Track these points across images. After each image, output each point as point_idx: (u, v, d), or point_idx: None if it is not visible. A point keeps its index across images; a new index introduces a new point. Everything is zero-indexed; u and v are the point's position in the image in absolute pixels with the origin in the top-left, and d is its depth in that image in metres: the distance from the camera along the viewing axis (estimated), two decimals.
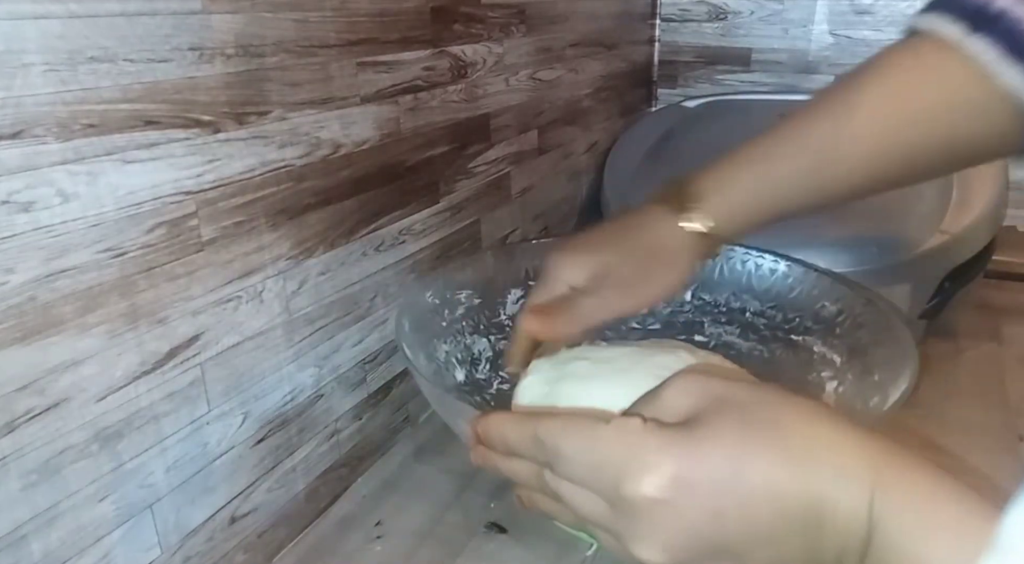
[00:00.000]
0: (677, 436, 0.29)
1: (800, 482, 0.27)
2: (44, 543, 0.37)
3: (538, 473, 0.33)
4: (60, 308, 0.36)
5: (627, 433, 0.30)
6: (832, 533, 0.27)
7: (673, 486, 0.28)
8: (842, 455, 0.28)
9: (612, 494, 0.29)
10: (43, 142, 0.34)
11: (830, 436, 0.29)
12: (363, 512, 0.56)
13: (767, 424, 0.29)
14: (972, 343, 0.77)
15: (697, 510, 0.28)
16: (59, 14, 0.34)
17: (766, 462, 0.28)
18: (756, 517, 0.28)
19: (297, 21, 0.47)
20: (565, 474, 0.31)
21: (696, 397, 0.31)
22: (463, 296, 0.61)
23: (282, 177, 0.48)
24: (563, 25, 0.83)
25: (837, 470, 0.27)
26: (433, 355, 0.57)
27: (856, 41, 1.03)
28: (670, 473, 0.28)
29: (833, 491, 0.27)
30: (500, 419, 0.35)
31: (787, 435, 0.29)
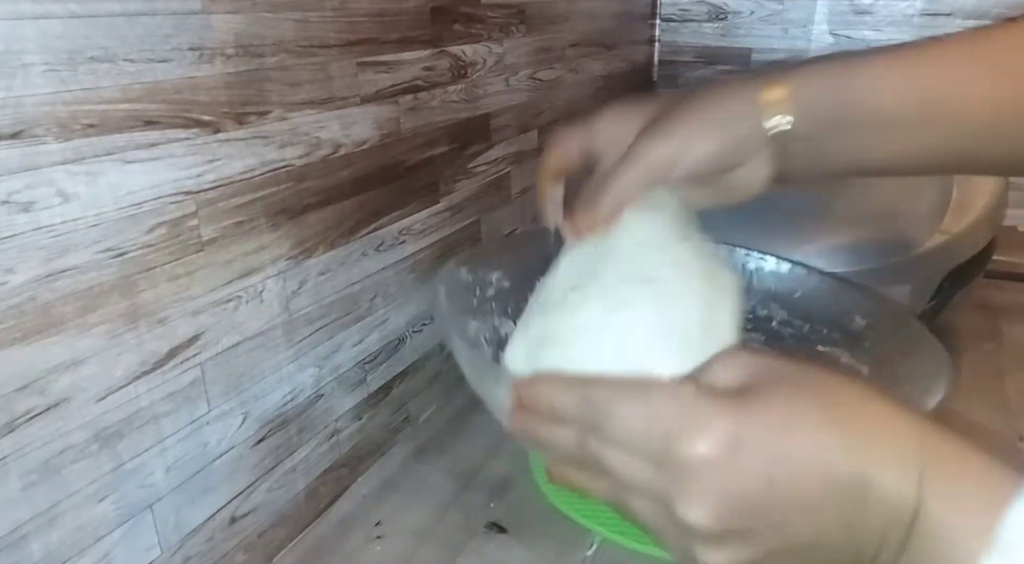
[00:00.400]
0: (732, 400, 0.29)
1: (851, 456, 0.27)
2: (44, 543, 0.37)
3: (580, 440, 0.32)
4: (60, 308, 0.36)
5: (682, 395, 0.29)
6: (877, 509, 0.27)
7: (728, 446, 0.28)
8: (894, 434, 0.28)
9: (662, 454, 0.29)
10: (43, 142, 0.34)
11: (883, 415, 0.29)
12: (363, 512, 0.56)
13: (821, 398, 0.29)
14: (972, 343, 0.77)
15: (750, 473, 0.28)
16: (59, 14, 0.34)
17: (819, 433, 0.28)
18: (805, 486, 0.28)
19: (297, 21, 0.47)
20: (613, 436, 0.31)
21: (749, 370, 0.31)
22: (494, 277, 0.61)
23: (282, 177, 0.48)
24: (563, 25, 0.83)
25: (888, 448, 0.27)
26: (464, 331, 0.57)
27: (856, 41, 1.03)
28: (725, 433, 0.28)
29: (883, 468, 0.27)
30: (548, 380, 0.33)
31: (841, 410, 0.29)
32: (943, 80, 0.39)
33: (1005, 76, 0.39)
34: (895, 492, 0.27)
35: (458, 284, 0.58)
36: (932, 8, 0.98)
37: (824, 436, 0.28)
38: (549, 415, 0.33)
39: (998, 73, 0.39)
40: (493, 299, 0.61)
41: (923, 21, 0.99)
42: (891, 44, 0.40)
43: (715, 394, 0.29)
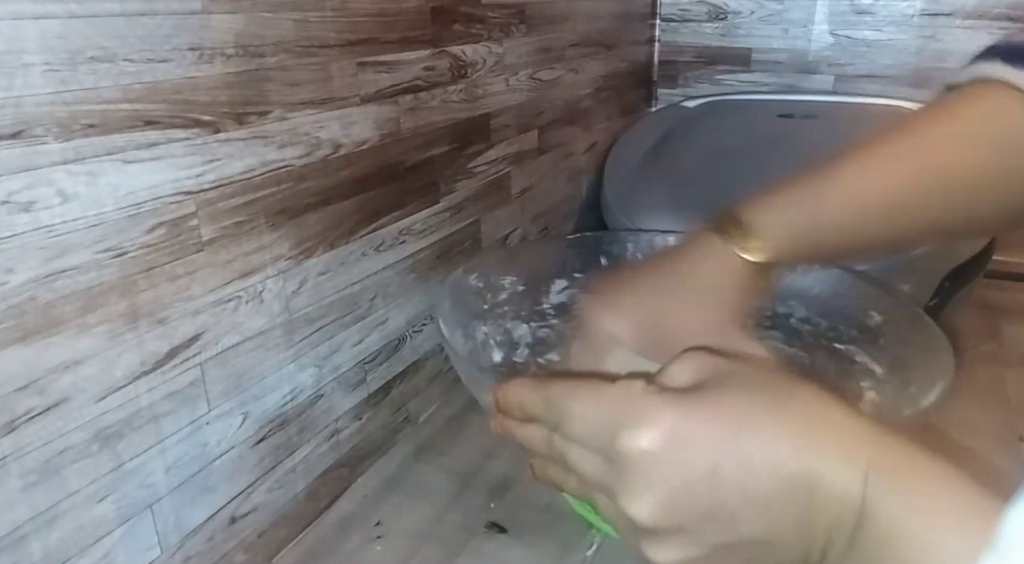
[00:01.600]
0: (679, 396, 0.30)
1: (799, 453, 0.28)
2: (44, 543, 0.37)
3: (547, 438, 0.33)
4: (60, 308, 0.36)
5: (630, 390, 0.30)
6: (823, 507, 0.27)
7: (670, 439, 0.28)
8: (842, 435, 0.28)
9: (609, 448, 0.29)
10: (43, 142, 0.34)
11: (833, 417, 0.29)
12: (363, 512, 0.56)
13: (772, 396, 0.30)
14: (972, 343, 0.77)
15: (693, 466, 0.28)
16: (59, 14, 0.34)
17: (767, 429, 0.28)
18: (753, 480, 0.28)
19: (297, 21, 0.47)
20: (569, 433, 0.32)
21: (702, 370, 0.31)
22: (507, 282, 0.62)
23: (282, 177, 0.48)
24: (563, 25, 0.83)
25: (835, 447, 0.28)
26: (471, 335, 0.57)
27: (856, 41, 1.03)
28: (667, 426, 0.28)
29: (830, 466, 0.27)
30: (517, 384, 0.35)
31: (791, 409, 0.29)
32: (886, 192, 0.42)
33: (925, 168, 0.42)
34: (841, 491, 0.27)
35: (466, 290, 0.58)
36: (932, 8, 0.98)
37: (772, 433, 0.28)
38: (520, 415, 0.35)
39: (926, 173, 0.42)
40: (506, 303, 0.61)
41: (923, 21, 0.99)
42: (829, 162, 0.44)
43: (662, 390, 0.30)
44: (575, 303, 0.48)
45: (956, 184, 0.42)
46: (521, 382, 0.35)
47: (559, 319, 0.65)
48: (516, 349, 0.62)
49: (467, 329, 0.57)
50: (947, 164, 0.42)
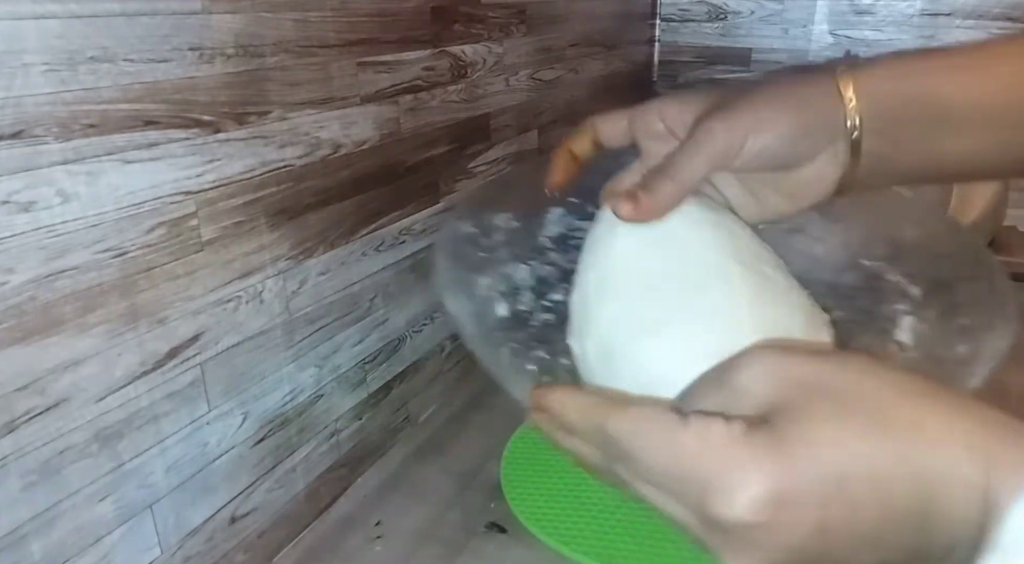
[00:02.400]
0: (767, 443, 0.26)
1: (909, 474, 0.25)
2: (44, 543, 0.37)
3: (605, 463, 0.30)
4: (60, 308, 0.36)
5: (710, 443, 0.26)
6: (943, 523, 0.25)
7: (771, 505, 0.25)
8: (951, 438, 0.26)
9: (701, 509, 0.26)
10: (43, 142, 0.34)
11: (935, 417, 0.26)
12: (363, 512, 0.56)
13: (865, 411, 0.26)
14: None
15: (799, 526, 0.26)
16: (59, 14, 0.34)
17: (870, 458, 0.25)
18: (864, 519, 0.26)
19: (297, 21, 0.47)
20: (643, 477, 0.28)
21: (777, 384, 0.28)
22: (501, 220, 0.58)
23: (282, 177, 0.48)
24: (563, 25, 0.83)
25: (948, 457, 0.25)
26: (472, 293, 0.54)
27: (856, 41, 1.03)
28: (765, 492, 0.25)
29: (946, 478, 0.25)
30: (563, 403, 0.31)
31: (889, 424, 0.26)
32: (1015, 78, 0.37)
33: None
34: (962, 503, 0.25)
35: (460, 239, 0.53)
36: (932, 8, 0.98)
37: (875, 462, 0.25)
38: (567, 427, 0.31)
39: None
40: (503, 245, 0.57)
41: (923, 21, 0.99)
42: (964, 43, 0.38)
43: (747, 436, 0.26)
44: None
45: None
46: (566, 400, 0.31)
47: (559, 253, 0.61)
48: (518, 295, 0.58)
49: (467, 287, 0.53)
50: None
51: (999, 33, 0.96)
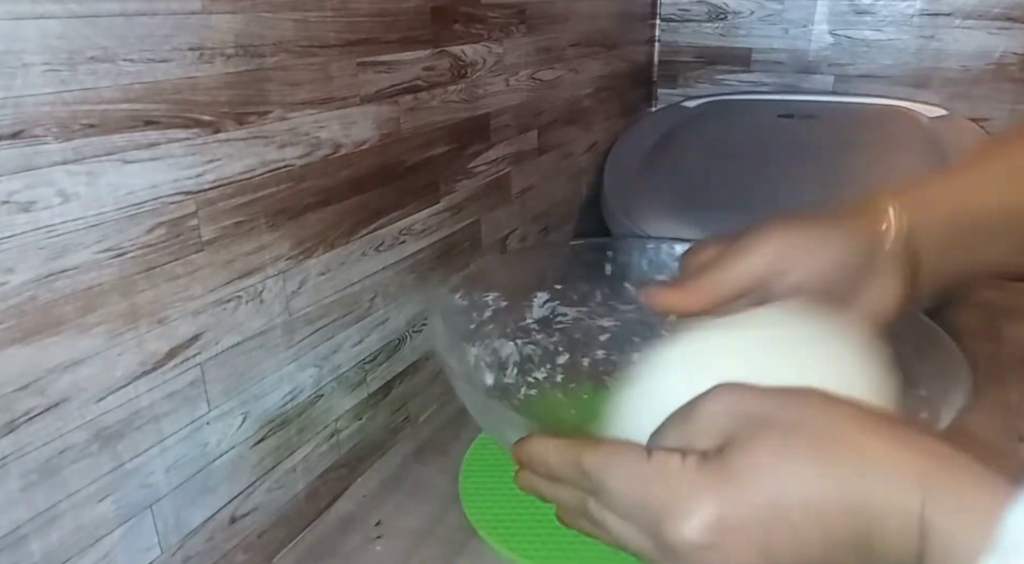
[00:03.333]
0: (716, 473, 0.28)
1: (848, 504, 0.27)
2: (44, 543, 0.37)
3: (583, 500, 0.32)
4: (60, 308, 0.36)
5: (667, 472, 0.29)
6: (884, 551, 0.27)
7: (715, 529, 0.28)
8: (889, 468, 0.27)
9: (656, 533, 0.29)
10: (43, 142, 0.34)
11: (876, 448, 0.28)
12: (363, 512, 0.56)
13: (808, 445, 0.28)
14: (972, 343, 0.77)
15: (742, 549, 0.27)
16: (59, 14, 0.34)
17: (811, 488, 0.27)
18: (805, 544, 0.27)
19: (297, 21, 0.47)
20: (609, 505, 0.31)
21: (730, 417, 0.30)
22: (491, 298, 0.61)
23: (282, 177, 0.48)
24: (563, 25, 0.83)
25: (885, 486, 0.27)
26: (463, 359, 0.57)
27: (856, 41, 1.03)
28: (711, 517, 0.28)
29: (882, 509, 0.27)
30: (544, 445, 0.34)
31: (831, 455, 0.28)
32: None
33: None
34: (898, 531, 0.26)
35: (453, 310, 0.57)
36: (932, 8, 0.98)
37: (815, 490, 0.27)
38: (548, 475, 0.34)
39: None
40: (491, 321, 0.61)
41: (923, 21, 0.99)
42: (980, 151, 0.41)
43: (700, 466, 0.29)
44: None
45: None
46: (547, 444, 0.34)
47: (543, 334, 0.64)
48: (505, 370, 0.61)
49: (458, 352, 0.56)
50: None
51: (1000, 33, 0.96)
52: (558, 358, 0.65)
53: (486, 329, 0.60)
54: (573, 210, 0.94)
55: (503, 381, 0.61)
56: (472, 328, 0.59)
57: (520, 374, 0.62)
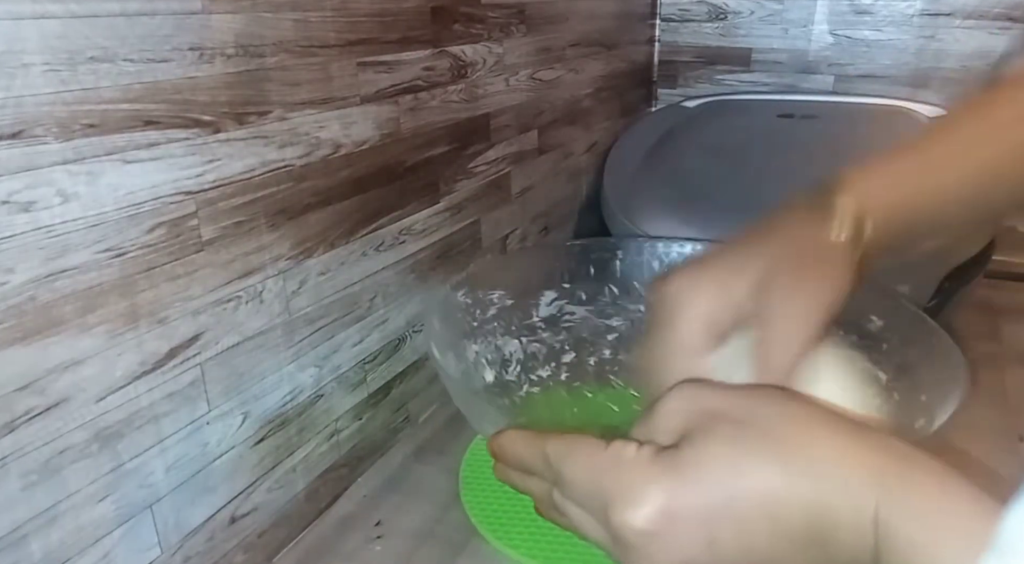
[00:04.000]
0: (667, 464, 0.29)
1: (798, 498, 0.27)
2: (44, 543, 0.37)
3: (549, 491, 0.33)
4: (60, 308, 0.36)
5: (620, 461, 0.30)
6: (837, 549, 0.27)
7: (662, 519, 0.28)
8: (843, 463, 0.27)
9: (606, 523, 0.29)
10: (43, 142, 0.34)
11: (830, 444, 0.28)
12: (363, 512, 0.56)
13: (761, 438, 0.28)
14: (972, 343, 0.77)
15: (688, 540, 0.28)
16: (59, 14, 0.34)
17: (761, 480, 0.27)
18: (753, 538, 0.27)
19: (297, 21, 0.47)
20: (568, 492, 0.31)
21: (688, 413, 0.30)
22: (495, 296, 0.61)
23: (282, 177, 0.48)
24: (563, 25, 0.83)
25: (838, 481, 0.27)
26: (462, 355, 0.57)
27: (856, 41, 1.03)
28: (658, 505, 0.28)
29: (834, 504, 0.26)
30: (512, 437, 0.35)
31: (783, 448, 0.28)
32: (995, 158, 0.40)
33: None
34: (852, 527, 0.26)
35: (455, 307, 0.57)
36: (932, 8, 0.98)
37: (766, 485, 0.27)
38: (519, 466, 0.35)
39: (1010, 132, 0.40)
40: (496, 318, 0.61)
41: (923, 21, 0.99)
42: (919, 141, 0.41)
43: (653, 457, 0.29)
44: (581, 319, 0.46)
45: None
46: (516, 435, 0.35)
47: (549, 332, 0.64)
48: (508, 367, 0.61)
49: (457, 349, 0.56)
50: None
51: (1000, 33, 0.96)
52: (564, 356, 0.64)
53: (489, 326, 0.60)
54: (573, 210, 0.94)
55: (504, 378, 0.61)
56: (475, 325, 0.59)
57: (523, 372, 0.62)
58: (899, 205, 0.39)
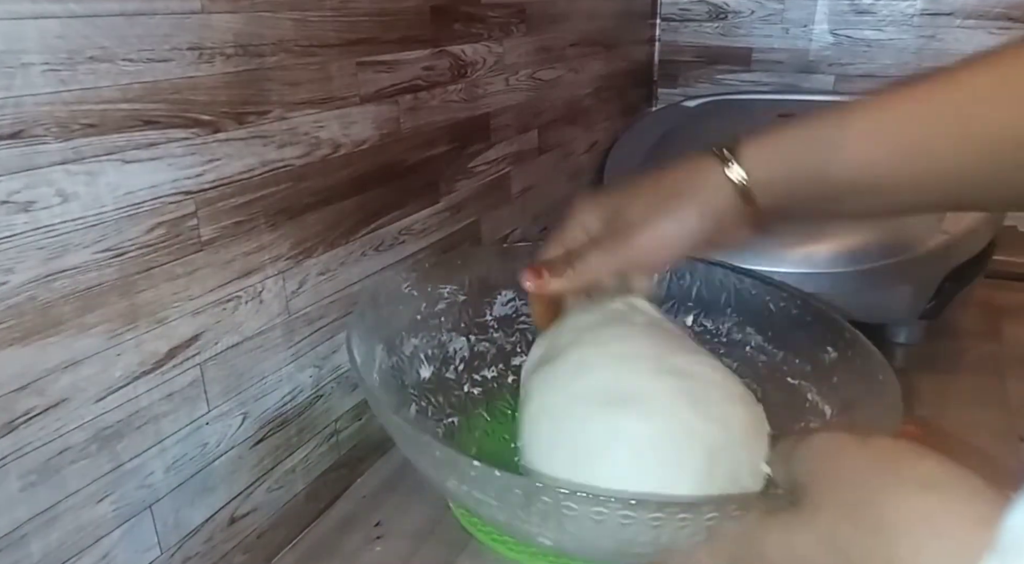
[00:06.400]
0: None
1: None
2: (44, 543, 0.37)
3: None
4: (59, 308, 0.36)
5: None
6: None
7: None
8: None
9: None
10: (43, 142, 0.34)
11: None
12: (363, 512, 0.56)
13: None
14: (972, 343, 0.77)
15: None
16: (59, 14, 0.34)
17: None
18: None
19: (297, 21, 0.47)
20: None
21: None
22: (447, 291, 0.59)
23: (282, 177, 0.48)
24: (563, 25, 0.83)
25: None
26: (397, 348, 0.55)
27: (856, 41, 1.03)
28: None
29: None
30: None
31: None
32: (908, 142, 0.38)
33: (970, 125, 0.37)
34: None
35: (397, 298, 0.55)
36: (932, 8, 0.98)
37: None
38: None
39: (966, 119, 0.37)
40: (443, 314, 0.58)
41: (923, 21, 0.99)
42: (846, 102, 0.40)
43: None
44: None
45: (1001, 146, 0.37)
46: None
47: (501, 332, 0.61)
48: (450, 365, 0.59)
49: (392, 341, 0.53)
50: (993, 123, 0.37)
51: (1000, 33, 0.96)
52: (514, 359, 0.61)
53: (434, 321, 0.59)
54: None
55: (443, 375, 0.59)
56: (418, 319, 0.57)
57: (467, 370, 0.60)
58: (779, 174, 0.40)
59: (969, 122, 0.37)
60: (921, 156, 0.38)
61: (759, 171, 0.40)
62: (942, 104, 0.38)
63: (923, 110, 0.38)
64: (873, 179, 0.39)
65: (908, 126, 0.38)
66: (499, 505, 0.37)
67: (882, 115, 0.39)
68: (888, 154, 0.39)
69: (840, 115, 0.40)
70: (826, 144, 0.39)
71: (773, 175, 0.40)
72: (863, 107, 0.40)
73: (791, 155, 0.40)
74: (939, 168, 0.38)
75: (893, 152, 0.38)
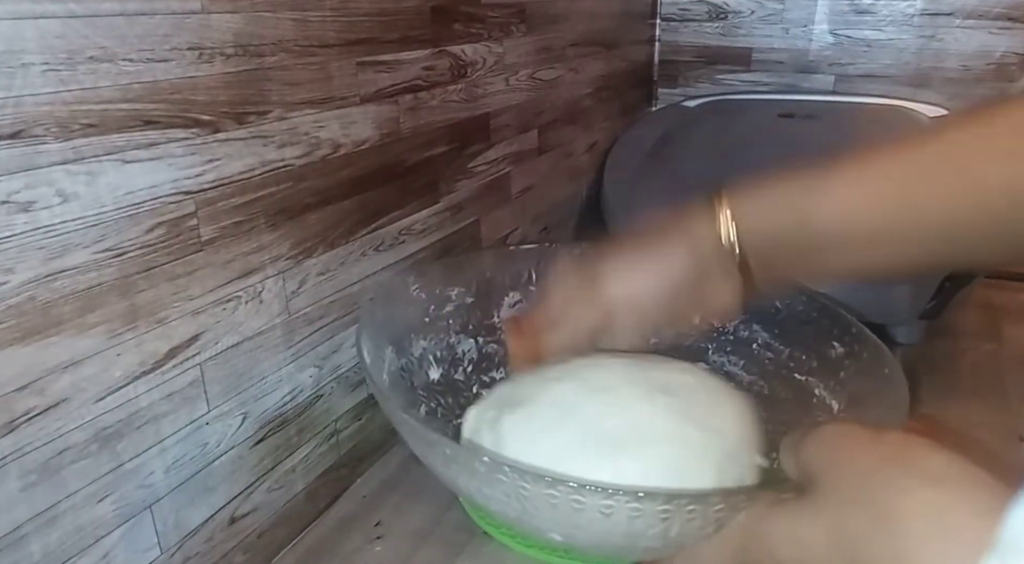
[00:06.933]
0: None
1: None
2: (44, 543, 0.37)
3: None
4: (60, 308, 0.36)
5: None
6: None
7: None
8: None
9: None
10: (43, 142, 0.34)
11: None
12: (363, 512, 0.56)
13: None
14: (972, 343, 0.77)
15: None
16: (59, 14, 0.34)
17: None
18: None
19: (297, 21, 0.47)
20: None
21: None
22: (454, 293, 0.60)
23: (282, 177, 0.48)
24: (563, 25, 0.83)
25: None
26: (406, 349, 0.55)
27: (856, 41, 1.03)
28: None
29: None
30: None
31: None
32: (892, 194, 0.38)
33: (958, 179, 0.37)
34: None
35: (406, 300, 0.56)
36: (932, 8, 0.98)
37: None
38: None
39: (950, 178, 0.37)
40: (451, 316, 0.59)
41: (923, 21, 0.99)
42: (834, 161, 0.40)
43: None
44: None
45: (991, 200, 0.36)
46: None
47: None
48: (459, 366, 0.59)
49: (401, 343, 0.54)
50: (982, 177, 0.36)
51: (1000, 33, 0.96)
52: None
53: (442, 323, 0.59)
54: (573, 210, 0.94)
55: (452, 377, 0.59)
56: (426, 321, 0.58)
57: (475, 372, 0.60)
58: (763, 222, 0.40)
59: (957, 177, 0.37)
60: (904, 209, 0.38)
61: (744, 217, 0.40)
62: (930, 156, 0.38)
63: (907, 164, 0.38)
64: (855, 230, 0.39)
65: (891, 178, 0.38)
66: (508, 500, 0.37)
67: (866, 167, 0.39)
68: (870, 206, 0.38)
69: (827, 166, 0.40)
70: (810, 192, 0.39)
71: (757, 222, 0.40)
72: (850, 159, 0.40)
73: (775, 202, 0.40)
74: (924, 222, 0.38)
75: (875, 203, 0.38)
